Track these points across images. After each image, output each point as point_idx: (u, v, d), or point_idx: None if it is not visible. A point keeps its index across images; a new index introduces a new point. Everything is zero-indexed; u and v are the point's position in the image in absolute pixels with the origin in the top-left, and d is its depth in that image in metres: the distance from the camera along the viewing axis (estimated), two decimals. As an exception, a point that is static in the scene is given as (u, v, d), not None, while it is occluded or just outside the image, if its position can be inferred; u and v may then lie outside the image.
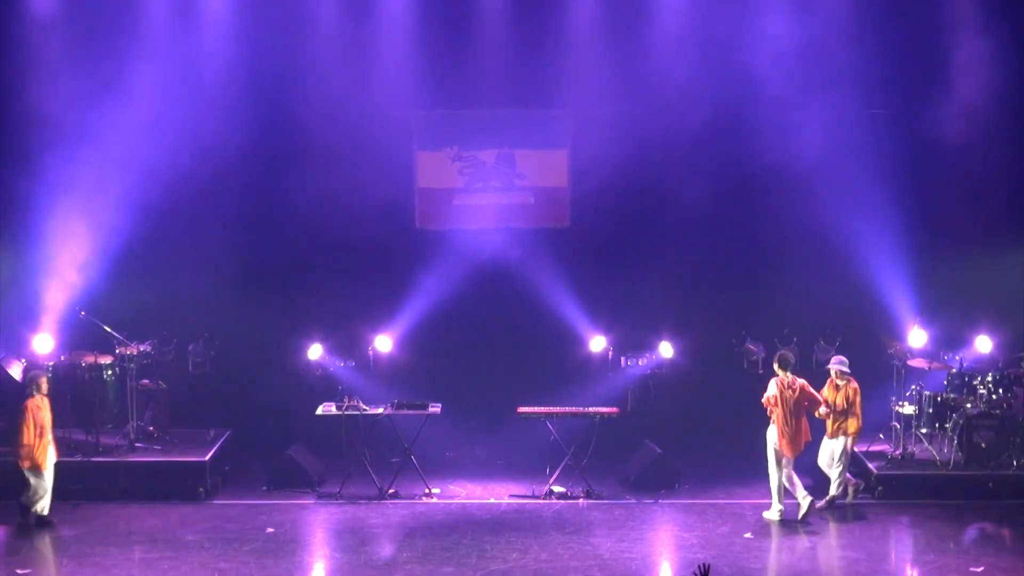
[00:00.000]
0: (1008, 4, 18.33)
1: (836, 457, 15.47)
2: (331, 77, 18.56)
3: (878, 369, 17.29)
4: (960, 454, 16.16)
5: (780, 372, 15.13)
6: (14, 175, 17.92)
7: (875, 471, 16.14)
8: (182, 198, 18.36)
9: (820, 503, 15.31)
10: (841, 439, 15.43)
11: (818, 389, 15.36)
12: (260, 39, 18.31)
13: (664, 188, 18.92)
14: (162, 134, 18.07)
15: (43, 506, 14.76)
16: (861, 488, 15.77)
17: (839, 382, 15.47)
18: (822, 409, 15.29)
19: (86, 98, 17.94)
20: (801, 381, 15.13)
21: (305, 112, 18.62)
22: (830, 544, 14.29)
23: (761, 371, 18.53)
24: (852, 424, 15.39)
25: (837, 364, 15.52)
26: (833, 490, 15.51)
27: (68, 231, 17.67)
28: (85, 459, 16.08)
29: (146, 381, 17.20)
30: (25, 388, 15.01)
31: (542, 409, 16.49)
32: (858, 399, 15.42)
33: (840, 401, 15.40)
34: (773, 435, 15.09)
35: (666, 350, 18.12)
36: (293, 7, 18.48)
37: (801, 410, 15.07)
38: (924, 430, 16.63)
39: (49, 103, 17.93)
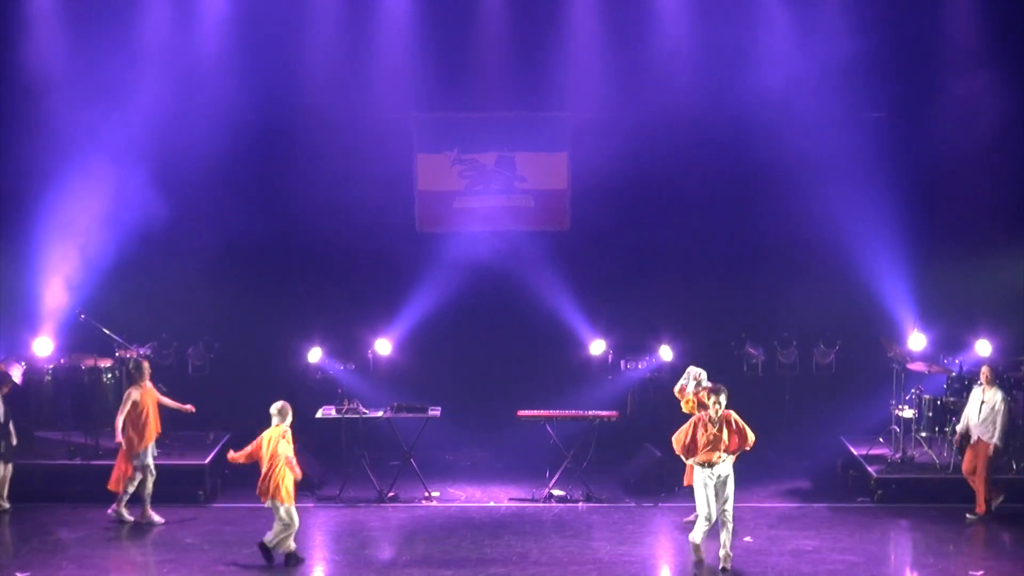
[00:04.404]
0: (1009, 9, 18.34)
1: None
2: (331, 80, 18.59)
3: (878, 373, 17.31)
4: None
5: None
6: (14, 177, 17.96)
7: (874, 475, 16.15)
8: (181, 201, 18.35)
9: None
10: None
11: (822, 391, 15.27)
12: (260, 43, 18.33)
13: (664, 191, 18.94)
14: (161, 137, 18.09)
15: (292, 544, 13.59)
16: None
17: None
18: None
19: (86, 101, 17.95)
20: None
21: (305, 115, 18.64)
22: (830, 548, 14.26)
23: (761, 374, 18.56)
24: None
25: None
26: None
27: (68, 234, 17.67)
28: (85, 462, 16.10)
29: (146, 384, 17.19)
30: (281, 418, 13.73)
31: (542, 413, 16.47)
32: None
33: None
34: None
35: (666, 353, 18.11)
36: (293, 10, 18.49)
37: None
38: (924, 434, 16.64)
39: (49, 105, 17.97)
